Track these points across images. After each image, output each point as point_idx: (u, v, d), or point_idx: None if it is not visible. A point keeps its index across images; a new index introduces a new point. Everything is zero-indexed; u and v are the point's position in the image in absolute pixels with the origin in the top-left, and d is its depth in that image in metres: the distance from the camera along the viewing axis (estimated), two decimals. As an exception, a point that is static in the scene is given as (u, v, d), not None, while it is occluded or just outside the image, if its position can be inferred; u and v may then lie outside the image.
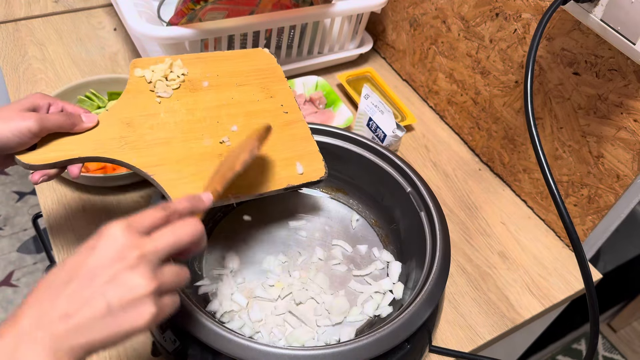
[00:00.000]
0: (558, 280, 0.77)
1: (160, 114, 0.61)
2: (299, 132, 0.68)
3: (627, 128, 0.68)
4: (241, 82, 0.68)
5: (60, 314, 0.37)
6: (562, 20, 0.70)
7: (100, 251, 0.39)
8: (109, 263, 0.39)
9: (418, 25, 0.97)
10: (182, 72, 0.66)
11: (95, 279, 0.38)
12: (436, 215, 0.63)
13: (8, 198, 1.84)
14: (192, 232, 0.43)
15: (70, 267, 0.39)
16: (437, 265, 0.58)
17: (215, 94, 0.66)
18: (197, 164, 0.59)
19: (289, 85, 0.72)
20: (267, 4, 0.85)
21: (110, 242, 0.40)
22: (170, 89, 0.64)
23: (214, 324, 0.50)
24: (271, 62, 0.73)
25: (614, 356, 1.70)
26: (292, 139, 0.67)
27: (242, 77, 0.69)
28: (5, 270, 1.67)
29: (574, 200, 0.78)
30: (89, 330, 0.37)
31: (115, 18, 1.07)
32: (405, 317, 0.53)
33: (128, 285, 0.38)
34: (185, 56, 0.68)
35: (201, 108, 0.64)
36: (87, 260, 0.39)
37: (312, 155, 0.67)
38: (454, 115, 0.95)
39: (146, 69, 0.64)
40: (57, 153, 0.55)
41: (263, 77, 0.70)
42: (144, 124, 0.60)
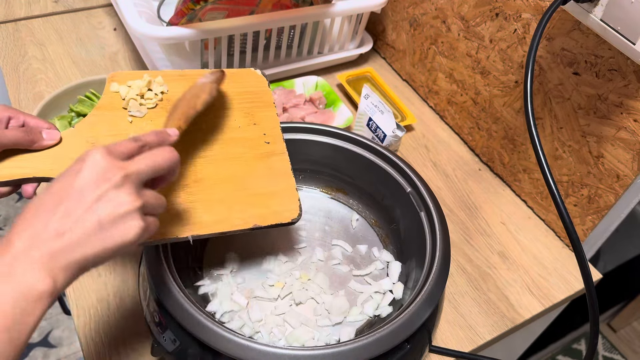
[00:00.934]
0: (558, 280, 0.77)
1: (129, 134, 0.56)
2: (278, 166, 0.63)
3: (627, 128, 0.68)
4: (225, 105, 0.64)
5: (54, 232, 0.39)
6: (562, 20, 0.70)
7: (86, 173, 0.42)
8: (95, 183, 0.41)
9: (418, 25, 0.97)
10: (162, 90, 0.61)
11: (84, 198, 0.41)
12: (436, 215, 0.63)
13: (8, 198, 1.83)
14: (169, 157, 0.46)
15: (58, 190, 0.42)
16: (437, 265, 0.58)
17: None
18: (162, 191, 0.54)
19: (276, 113, 0.66)
20: (267, 4, 0.85)
21: (93, 164, 0.42)
22: (145, 107, 0.60)
23: (214, 324, 0.50)
24: (261, 84, 0.68)
25: (614, 356, 1.70)
26: (269, 173, 0.61)
27: (227, 99, 0.64)
28: (5, 270, 1.66)
29: (574, 200, 0.78)
30: (82, 245, 0.40)
31: (115, 18, 1.07)
32: (405, 317, 0.53)
33: (116, 202, 0.41)
34: (168, 72, 0.64)
35: None
36: (74, 182, 0.41)
37: (288, 192, 0.61)
38: (454, 115, 0.96)
39: (123, 84, 0.60)
40: (10, 170, 0.51)
41: (249, 102, 0.65)
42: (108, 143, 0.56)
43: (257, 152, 0.62)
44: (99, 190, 0.41)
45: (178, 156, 0.47)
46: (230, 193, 0.59)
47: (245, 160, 0.61)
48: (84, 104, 0.84)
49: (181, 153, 0.49)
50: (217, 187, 0.58)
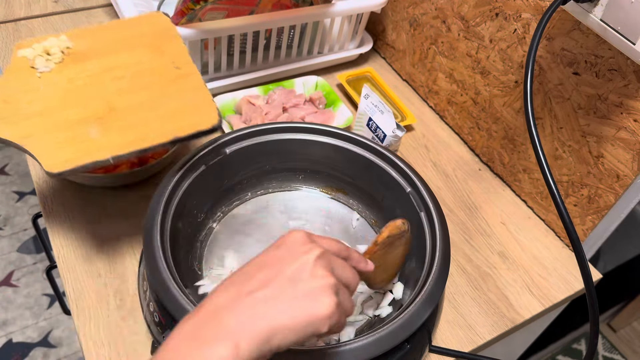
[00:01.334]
0: (558, 280, 0.77)
1: (39, 87, 0.61)
2: (190, 84, 0.65)
3: (627, 128, 0.68)
4: (131, 46, 0.66)
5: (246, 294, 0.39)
6: (562, 20, 0.70)
7: (287, 247, 0.43)
8: (295, 255, 0.42)
9: (418, 25, 0.97)
10: (67, 46, 0.65)
11: (284, 269, 0.41)
12: (436, 215, 0.63)
13: (8, 198, 1.83)
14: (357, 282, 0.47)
15: (257, 262, 0.43)
16: (436, 265, 0.58)
17: (99, 61, 0.64)
18: (73, 129, 0.58)
19: (182, 42, 0.69)
20: (267, 4, 0.85)
21: (294, 239, 0.44)
22: (52, 62, 0.63)
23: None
24: (166, 24, 0.70)
25: (614, 356, 1.70)
26: (182, 92, 0.64)
27: (132, 40, 0.67)
28: (5, 270, 1.67)
29: (574, 200, 0.78)
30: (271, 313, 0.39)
31: (115, 18, 1.07)
32: (405, 317, 0.53)
33: (313, 274, 0.41)
34: (72, 31, 0.67)
35: (83, 76, 0.63)
36: (275, 254, 0.43)
37: (204, 104, 0.63)
38: (454, 115, 0.96)
39: (28, 48, 0.64)
40: None
41: (156, 39, 0.68)
42: (22, 99, 0.60)
43: (167, 77, 0.65)
44: (299, 262, 0.41)
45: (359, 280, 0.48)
46: (146, 114, 0.61)
47: (157, 86, 0.64)
48: (84, 104, 0.84)
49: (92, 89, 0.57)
50: (131, 112, 0.61)
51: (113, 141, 0.57)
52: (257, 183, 0.75)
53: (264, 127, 0.70)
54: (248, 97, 0.90)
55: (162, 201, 0.60)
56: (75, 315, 0.64)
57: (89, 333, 0.63)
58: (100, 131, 0.58)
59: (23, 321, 1.56)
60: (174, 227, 0.61)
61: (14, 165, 1.91)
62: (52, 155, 0.56)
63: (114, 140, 0.57)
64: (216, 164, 0.67)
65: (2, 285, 1.63)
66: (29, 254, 1.71)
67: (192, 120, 0.61)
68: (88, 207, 0.76)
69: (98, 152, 0.57)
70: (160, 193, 0.61)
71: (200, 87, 0.65)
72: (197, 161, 0.65)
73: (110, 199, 0.77)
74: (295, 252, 0.42)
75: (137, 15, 0.71)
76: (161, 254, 0.55)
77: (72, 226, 0.73)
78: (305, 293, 0.40)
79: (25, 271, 1.67)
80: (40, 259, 1.70)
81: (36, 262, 1.70)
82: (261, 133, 0.70)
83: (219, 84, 0.92)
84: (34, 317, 1.58)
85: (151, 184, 0.79)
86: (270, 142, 0.71)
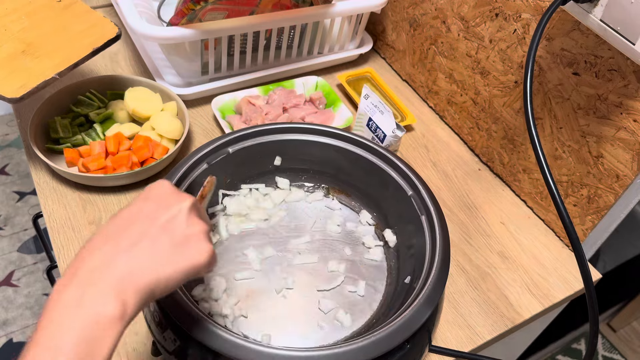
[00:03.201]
0: (558, 280, 0.77)
1: None
2: (78, 10, 0.79)
3: (626, 128, 0.68)
4: None
5: (125, 255, 0.38)
6: (561, 20, 0.70)
7: (156, 198, 0.42)
8: (167, 205, 0.41)
9: (418, 26, 0.97)
10: None
11: (157, 219, 0.40)
12: (437, 219, 0.63)
13: (8, 198, 1.84)
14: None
15: (126, 215, 0.41)
16: (436, 266, 0.58)
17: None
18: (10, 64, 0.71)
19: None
20: (267, 4, 0.85)
21: (162, 190, 0.43)
22: None
23: (213, 324, 0.50)
24: None
25: (613, 356, 1.70)
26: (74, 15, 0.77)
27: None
28: (5, 270, 1.67)
29: (574, 200, 0.78)
30: (154, 267, 0.38)
31: (115, 18, 1.07)
32: (405, 317, 0.53)
33: (188, 223, 0.41)
34: None
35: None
36: (144, 206, 0.42)
37: (100, 21, 0.78)
38: (454, 116, 0.96)
39: None
40: None
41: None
42: None
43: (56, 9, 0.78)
44: (171, 211, 0.41)
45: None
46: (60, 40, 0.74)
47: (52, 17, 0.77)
48: (84, 104, 0.85)
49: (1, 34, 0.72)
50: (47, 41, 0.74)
51: (47, 64, 0.71)
52: (259, 182, 0.75)
53: (267, 128, 0.70)
54: (248, 97, 0.90)
55: (174, 178, 0.60)
56: (75, 315, 0.64)
57: (90, 333, 0.63)
58: (32, 60, 0.72)
59: (23, 321, 1.56)
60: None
61: (14, 166, 1.91)
62: (6, 87, 0.68)
63: (48, 64, 0.71)
64: (218, 162, 0.67)
65: (3, 285, 1.63)
66: (30, 253, 1.71)
67: (99, 34, 0.77)
68: (88, 207, 0.76)
69: (42, 74, 0.70)
70: (174, 172, 0.61)
71: (88, 11, 0.80)
72: (200, 159, 0.65)
73: (110, 199, 0.77)
74: (166, 202, 0.42)
75: None
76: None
77: (72, 226, 0.73)
78: (183, 241, 0.40)
79: (26, 271, 1.67)
80: (41, 258, 1.70)
81: (36, 262, 1.70)
82: (264, 133, 0.70)
83: (219, 84, 0.92)
84: (34, 317, 1.58)
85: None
86: (273, 143, 0.71)
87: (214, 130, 0.90)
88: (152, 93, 0.85)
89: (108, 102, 0.86)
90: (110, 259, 0.38)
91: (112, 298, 0.36)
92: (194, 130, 0.89)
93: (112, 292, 0.36)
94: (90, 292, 0.36)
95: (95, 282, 0.37)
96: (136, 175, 0.76)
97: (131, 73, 0.97)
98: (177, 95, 0.86)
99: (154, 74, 0.92)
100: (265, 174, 0.75)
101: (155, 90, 0.86)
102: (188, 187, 0.64)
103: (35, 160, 0.80)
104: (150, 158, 0.79)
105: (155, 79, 0.91)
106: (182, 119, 0.83)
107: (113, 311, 0.36)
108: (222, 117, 0.88)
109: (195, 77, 0.92)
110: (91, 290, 0.36)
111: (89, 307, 0.35)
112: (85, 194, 0.77)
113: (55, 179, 0.78)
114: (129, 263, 0.38)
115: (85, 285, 0.37)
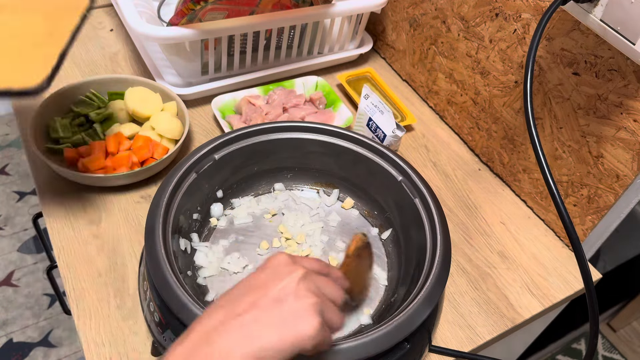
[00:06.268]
0: (558, 280, 0.77)
1: None
2: None
3: (626, 128, 0.68)
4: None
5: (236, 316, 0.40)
6: (561, 20, 0.70)
7: (271, 269, 0.44)
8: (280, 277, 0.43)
9: (418, 26, 0.97)
10: None
11: (269, 290, 0.42)
12: (431, 201, 0.64)
13: (8, 198, 1.84)
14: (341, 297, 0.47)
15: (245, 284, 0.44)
16: (437, 264, 0.58)
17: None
18: None
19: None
20: (267, 4, 0.85)
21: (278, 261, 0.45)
22: None
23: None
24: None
25: (613, 356, 1.70)
26: None
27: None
28: (5, 270, 1.67)
29: (574, 200, 0.78)
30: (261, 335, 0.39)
31: (115, 18, 1.07)
32: (404, 316, 0.53)
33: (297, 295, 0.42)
34: None
35: None
36: (259, 276, 0.44)
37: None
38: (454, 116, 0.96)
39: None
40: None
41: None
42: None
43: None
44: (282, 283, 0.42)
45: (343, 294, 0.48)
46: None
47: None
48: (84, 104, 0.85)
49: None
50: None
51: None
52: (246, 186, 0.75)
53: (250, 130, 0.71)
54: (248, 97, 0.90)
55: (165, 194, 0.60)
56: (75, 315, 0.64)
57: (89, 333, 0.63)
58: None
59: (23, 321, 1.56)
60: (176, 226, 0.61)
61: (15, 165, 1.91)
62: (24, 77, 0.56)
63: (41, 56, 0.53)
64: (206, 170, 0.68)
65: (3, 285, 1.63)
66: (30, 253, 1.72)
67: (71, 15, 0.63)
68: (88, 207, 0.76)
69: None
70: (162, 191, 0.61)
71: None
72: (206, 153, 0.65)
73: (110, 199, 0.77)
74: (279, 274, 0.43)
75: None
76: (163, 253, 0.55)
77: (72, 226, 0.73)
78: (291, 313, 0.41)
79: (26, 271, 1.67)
80: (41, 258, 1.70)
81: (36, 262, 1.70)
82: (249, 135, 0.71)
83: (219, 84, 0.92)
84: (34, 316, 1.58)
85: (151, 184, 0.80)
86: (259, 144, 0.72)
87: (214, 130, 0.90)
88: (152, 93, 0.85)
89: (108, 102, 0.86)
90: (222, 324, 0.40)
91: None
92: (194, 130, 0.89)
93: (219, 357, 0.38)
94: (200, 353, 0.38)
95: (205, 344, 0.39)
96: (136, 175, 0.76)
97: (131, 73, 0.97)
98: (177, 95, 0.86)
99: (154, 74, 0.92)
100: (251, 178, 0.75)
101: (155, 90, 0.86)
102: (188, 189, 0.64)
103: (35, 160, 0.80)
104: (150, 158, 0.79)
105: (155, 79, 0.91)
106: (182, 119, 0.83)
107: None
108: (222, 117, 0.88)
109: (195, 77, 0.92)
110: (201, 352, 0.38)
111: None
112: (85, 194, 0.77)
113: (55, 179, 0.78)
114: (238, 331, 0.40)
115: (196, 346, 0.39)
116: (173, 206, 0.61)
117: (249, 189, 0.75)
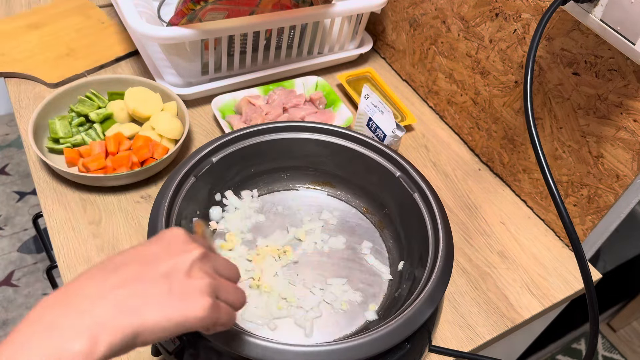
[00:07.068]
0: (558, 280, 0.77)
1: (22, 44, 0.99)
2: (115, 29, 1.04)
3: (626, 128, 0.68)
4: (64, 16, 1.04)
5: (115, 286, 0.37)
6: (561, 20, 0.70)
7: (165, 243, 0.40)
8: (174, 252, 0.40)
9: (418, 26, 0.97)
10: None
11: (158, 265, 0.39)
12: (431, 195, 0.64)
13: (8, 198, 1.84)
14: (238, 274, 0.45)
15: (132, 253, 0.40)
16: (439, 265, 0.58)
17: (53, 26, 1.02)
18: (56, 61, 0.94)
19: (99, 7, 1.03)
20: (267, 4, 0.85)
21: (174, 237, 0.41)
22: None
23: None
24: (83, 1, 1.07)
25: (613, 356, 1.70)
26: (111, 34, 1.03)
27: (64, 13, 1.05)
28: (5, 270, 1.67)
29: (574, 200, 0.78)
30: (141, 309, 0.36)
31: (115, 18, 1.07)
32: (405, 316, 0.53)
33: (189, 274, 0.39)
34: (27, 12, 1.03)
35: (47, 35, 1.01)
36: (151, 248, 0.40)
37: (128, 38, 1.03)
38: (454, 115, 0.96)
39: None
40: None
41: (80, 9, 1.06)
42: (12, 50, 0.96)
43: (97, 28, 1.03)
44: (175, 260, 0.39)
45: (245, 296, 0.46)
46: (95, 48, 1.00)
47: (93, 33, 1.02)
48: (84, 104, 0.85)
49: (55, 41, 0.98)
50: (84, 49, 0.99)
51: (82, 64, 0.95)
52: (245, 187, 0.75)
53: (249, 131, 0.71)
54: (248, 97, 0.90)
55: (165, 199, 0.60)
56: (75, 315, 0.64)
57: (90, 333, 0.63)
58: (72, 60, 0.95)
59: (23, 321, 1.56)
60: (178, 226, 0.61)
61: (15, 166, 1.91)
62: (49, 76, 0.92)
63: (82, 63, 0.95)
64: (205, 172, 0.68)
65: (3, 285, 1.63)
66: (30, 253, 1.71)
67: (124, 47, 1.00)
68: (88, 207, 0.76)
69: (76, 70, 0.93)
70: (164, 191, 0.61)
71: (121, 32, 1.01)
72: (204, 156, 0.66)
73: (110, 199, 0.77)
74: (173, 250, 0.40)
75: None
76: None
77: (72, 226, 0.73)
78: (179, 292, 0.38)
79: (26, 271, 1.67)
80: (41, 258, 1.70)
81: (37, 262, 1.70)
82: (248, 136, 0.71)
83: (219, 84, 0.92)
84: (34, 317, 1.58)
85: (151, 184, 0.80)
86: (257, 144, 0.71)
87: (214, 130, 0.90)
88: (152, 93, 0.85)
89: (108, 102, 0.86)
90: (100, 292, 0.37)
91: (84, 334, 0.34)
92: (194, 130, 0.89)
93: (87, 328, 0.35)
94: (68, 319, 0.35)
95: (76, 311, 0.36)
96: (136, 175, 0.76)
97: (131, 73, 0.97)
98: (177, 95, 0.86)
99: (154, 74, 0.92)
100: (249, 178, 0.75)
101: (155, 90, 0.86)
102: (189, 189, 0.64)
103: (35, 160, 0.80)
104: (150, 158, 0.79)
105: (155, 79, 0.91)
106: (182, 119, 0.83)
107: (79, 348, 0.34)
108: (222, 117, 0.88)
109: (195, 77, 0.92)
110: (69, 318, 0.35)
111: (57, 338, 0.34)
112: (85, 194, 0.77)
113: (55, 179, 0.79)
114: (117, 303, 0.36)
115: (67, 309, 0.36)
116: (174, 212, 0.61)
117: (248, 190, 0.75)
